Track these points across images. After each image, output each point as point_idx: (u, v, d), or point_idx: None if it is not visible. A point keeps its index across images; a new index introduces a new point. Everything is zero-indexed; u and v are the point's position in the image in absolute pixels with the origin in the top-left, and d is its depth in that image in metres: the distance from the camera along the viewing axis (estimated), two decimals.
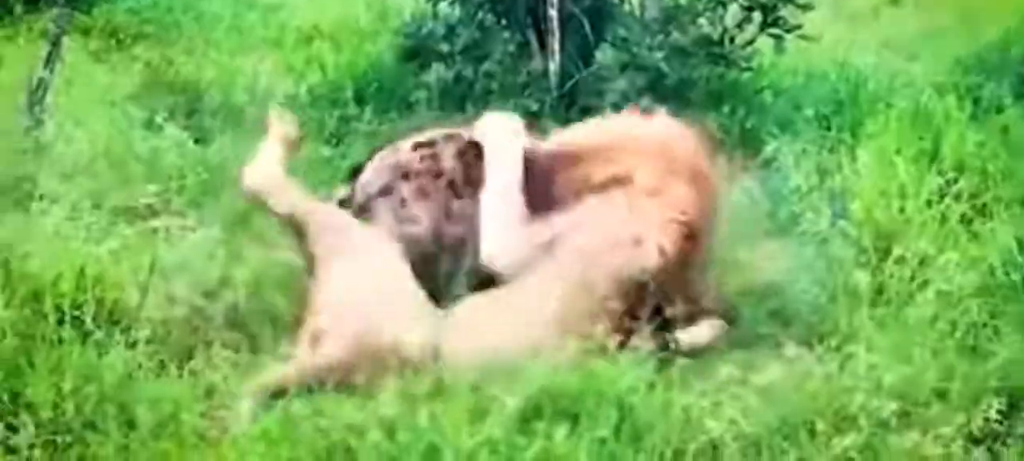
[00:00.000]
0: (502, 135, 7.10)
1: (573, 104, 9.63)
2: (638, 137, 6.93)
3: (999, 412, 5.97)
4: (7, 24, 11.51)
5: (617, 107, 8.95)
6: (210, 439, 5.86)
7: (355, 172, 7.31)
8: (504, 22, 10.09)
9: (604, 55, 9.68)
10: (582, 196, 6.77)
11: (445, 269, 6.83)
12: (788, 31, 9.70)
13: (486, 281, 6.68)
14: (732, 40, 9.87)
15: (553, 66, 9.79)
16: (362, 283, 6.47)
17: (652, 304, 6.47)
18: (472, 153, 7.06)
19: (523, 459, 5.48)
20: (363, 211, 7.05)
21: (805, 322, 6.88)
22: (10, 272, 6.52)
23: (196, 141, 9.00)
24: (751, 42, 9.88)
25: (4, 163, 8.08)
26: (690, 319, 6.65)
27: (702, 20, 9.87)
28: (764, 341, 6.77)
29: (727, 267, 7.22)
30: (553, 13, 9.79)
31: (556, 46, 9.82)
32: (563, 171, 6.94)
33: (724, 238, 7.16)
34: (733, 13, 9.85)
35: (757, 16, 9.81)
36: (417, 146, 7.16)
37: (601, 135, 7.07)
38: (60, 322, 6.26)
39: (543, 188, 6.90)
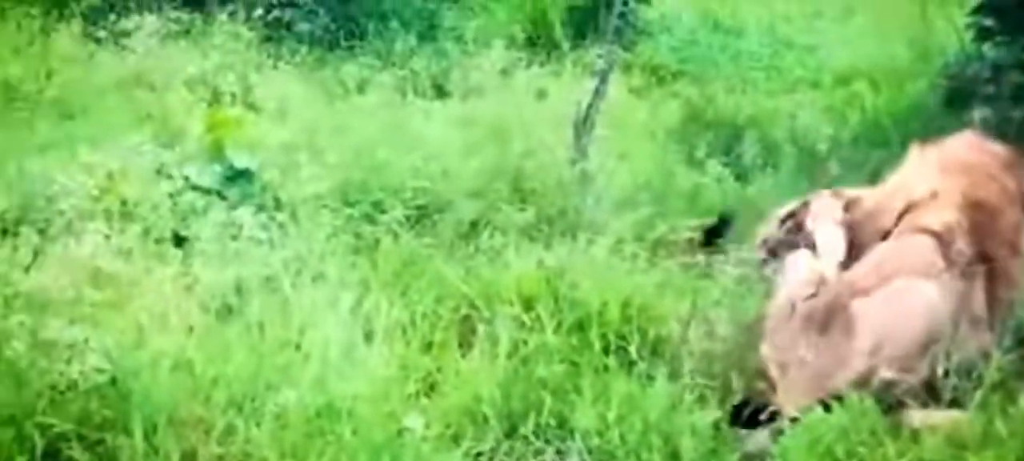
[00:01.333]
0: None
1: None
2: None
3: None
4: (554, 59, 11.90)
5: None
6: None
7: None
8: None
9: None
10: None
11: None
12: None
13: None
14: None
15: None
16: None
17: None
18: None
19: None
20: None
21: None
22: (559, 298, 6.69)
23: (736, 178, 9.03)
24: None
25: (552, 193, 8.32)
26: None
27: None
28: None
29: None
30: None
31: None
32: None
33: None
34: None
35: None
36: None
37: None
38: (605, 351, 6.38)
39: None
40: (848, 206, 7.06)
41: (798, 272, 6.54)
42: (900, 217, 6.64)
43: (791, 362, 6.14)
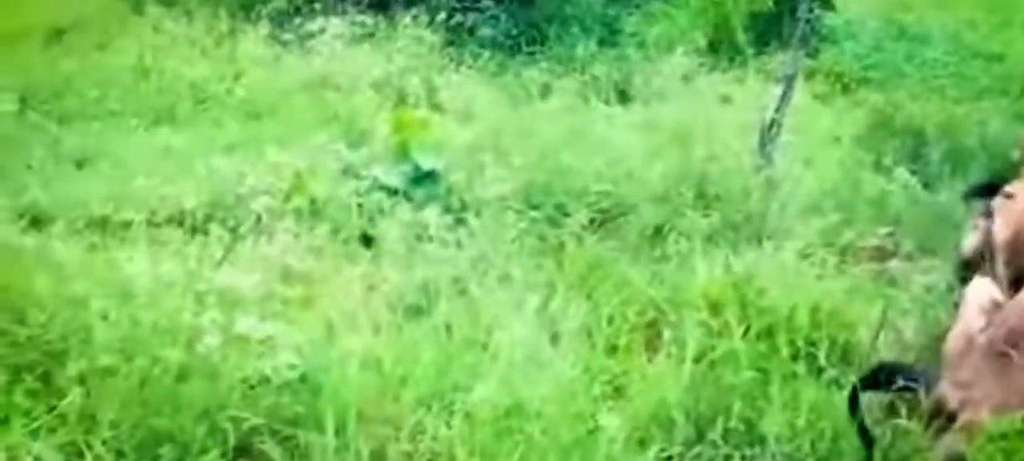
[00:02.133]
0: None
1: None
2: None
3: None
4: (736, 66, 11.82)
5: None
6: None
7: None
8: None
9: None
10: None
11: None
12: None
13: None
14: None
15: None
16: None
17: None
18: None
19: None
20: None
21: None
22: (746, 305, 6.63)
23: (924, 185, 8.88)
24: None
25: (737, 199, 8.25)
26: None
27: None
28: None
29: None
30: None
31: None
32: None
33: None
34: None
35: None
36: None
37: None
38: (794, 357, 6.29)
39: None
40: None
41: (975, 301, 6.30)
42: None
43: (976, 399, 5.95)
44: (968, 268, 7.38)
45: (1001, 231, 6.83)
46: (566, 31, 12.35)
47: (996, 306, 6.10)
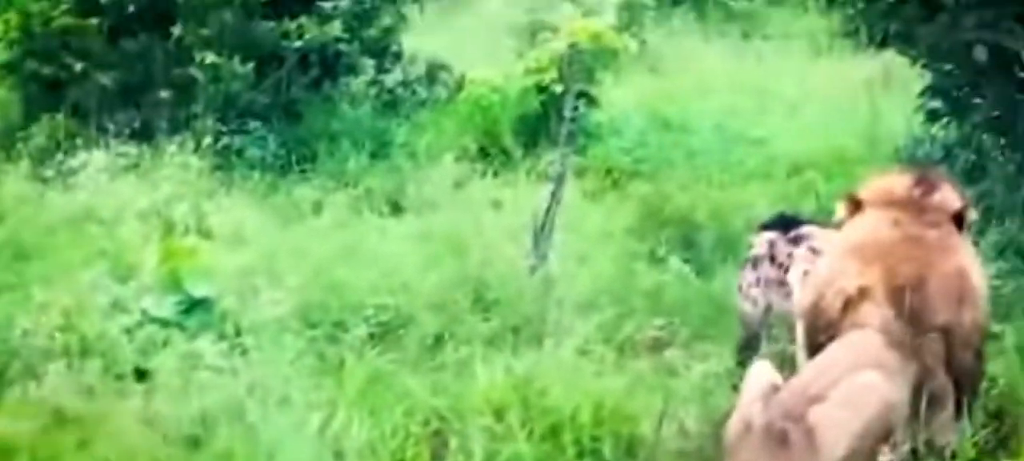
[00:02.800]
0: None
1: None
2: None
3: None
4: (506, 169, 11.90)
5: None
6: None
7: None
8: (1003, 142, 9.72)
9: None
10: None
11: None
12: None
13: None
14: None
15: None
16: None
17: None
18: None
19: None
20: None
21: None
22: (529, 407, 6.64)
23: (697, 273, 9.02)
24: None
25: (515, 301, 8.28)
26: None
27: None
28: None
29: None
30: None
31: None
32: None
33: None
34: None
35: None
36: None
37: None
38: (579, 455, 6.32)
39: None
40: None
41: (753, 384, 6.37)
42: (842, 312, 6.54)
43: None
44: (748, 348, 7.52)
45: (803, 298, 6.92)
46: (336, 146, 12.29)
47: (774, 389, 6.18)
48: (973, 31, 9.23)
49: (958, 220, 6.65)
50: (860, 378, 6.09)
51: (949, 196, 6.72)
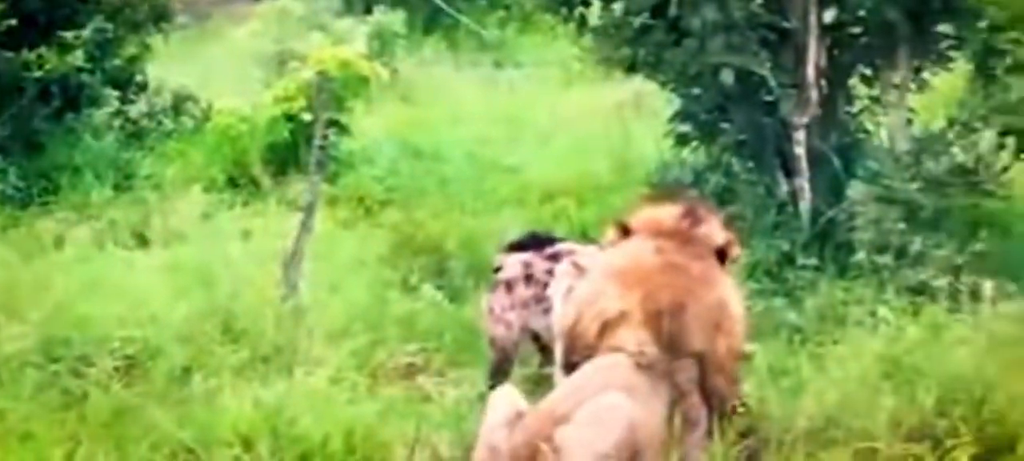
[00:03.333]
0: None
1: (826, 241, 9.38)
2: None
3: None
4: (256, 199, 11.76)
5: (873, 244, 8.83)
6: None
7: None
8: (752, 164, 9.95)
9: (855, 190, 9.40)
10: None
11: None
12: None
13: None
14: (987, 168, 9.53)
15: (804, 205, 9.61)
16: None
17: None
18: None
19: None
20: None
21: None
22: (279, 436, 6.54)
23: (450, 300, 9.02)
24: (1006, 169, 9.54)
25: (266, 331, 8.15)
26: None
27: (955, 149, 9.58)
28: None
29: None
30: (801, 151, 9.64)
31: (805, 185, 9.65)
32: None
33: None
34: (987, 140, 9.53)
35: (1011, 142, 9.47)
36: None
37: None
38: None
39: None
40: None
41: (497, 410, 6.35)
42: (600, 334, 6.58)
43: None
44: (501, 372, 7.51)
45: (563, 318, 6.91)
46: (79, 179, 11.97)
47: (519, 415, 6.17)
48: (720, 56, 9.43)
49: (721, 255, 6.75)
50: (605, 399, 6.10)
51: (715, 230, 6.80)
